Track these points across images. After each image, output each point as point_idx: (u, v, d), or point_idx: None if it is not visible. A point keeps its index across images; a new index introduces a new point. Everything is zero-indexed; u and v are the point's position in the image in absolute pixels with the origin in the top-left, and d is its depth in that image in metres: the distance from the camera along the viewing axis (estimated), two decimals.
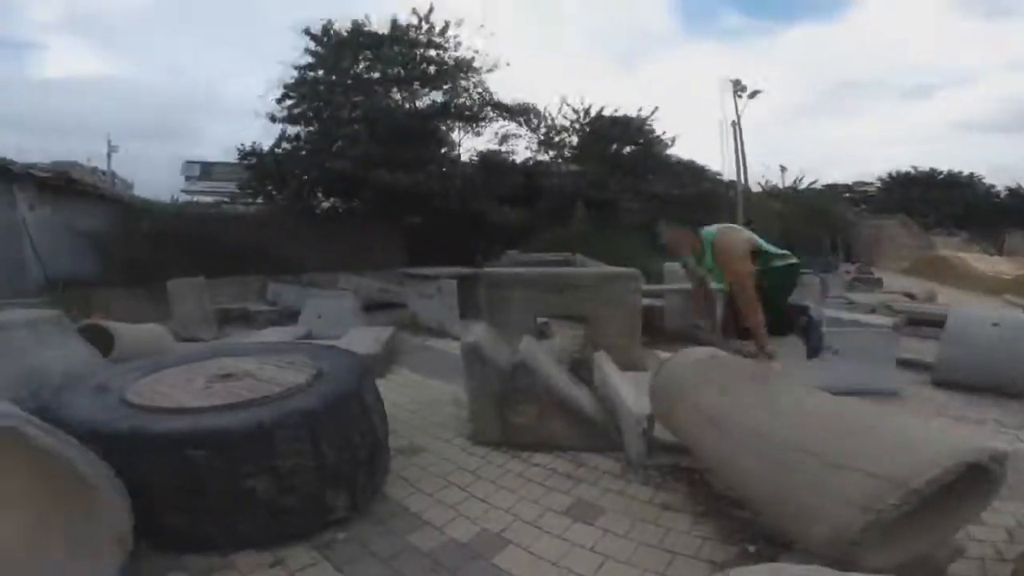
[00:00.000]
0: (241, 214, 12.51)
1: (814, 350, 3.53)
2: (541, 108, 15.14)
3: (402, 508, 2.42)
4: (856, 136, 73.33)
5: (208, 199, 21.02)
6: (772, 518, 1.88)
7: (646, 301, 5.28)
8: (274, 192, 12.37)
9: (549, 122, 15.36)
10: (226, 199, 21.06)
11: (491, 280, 4.51)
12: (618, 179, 14.16)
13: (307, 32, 12.41)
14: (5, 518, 1.66)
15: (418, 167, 11.48)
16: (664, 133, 16.17)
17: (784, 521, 1.76)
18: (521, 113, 14.75)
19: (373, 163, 11.02)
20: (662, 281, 6.96)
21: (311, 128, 12.51)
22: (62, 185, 9.42)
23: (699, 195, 15.29)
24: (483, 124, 14.57)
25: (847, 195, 30.27)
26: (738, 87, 17.89)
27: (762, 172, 26.27)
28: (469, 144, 14.86)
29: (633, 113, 15.63)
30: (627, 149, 15.73)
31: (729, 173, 19.86)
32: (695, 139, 54.46)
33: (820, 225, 19.69)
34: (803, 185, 24.91)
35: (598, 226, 12.56)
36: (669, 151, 16.37)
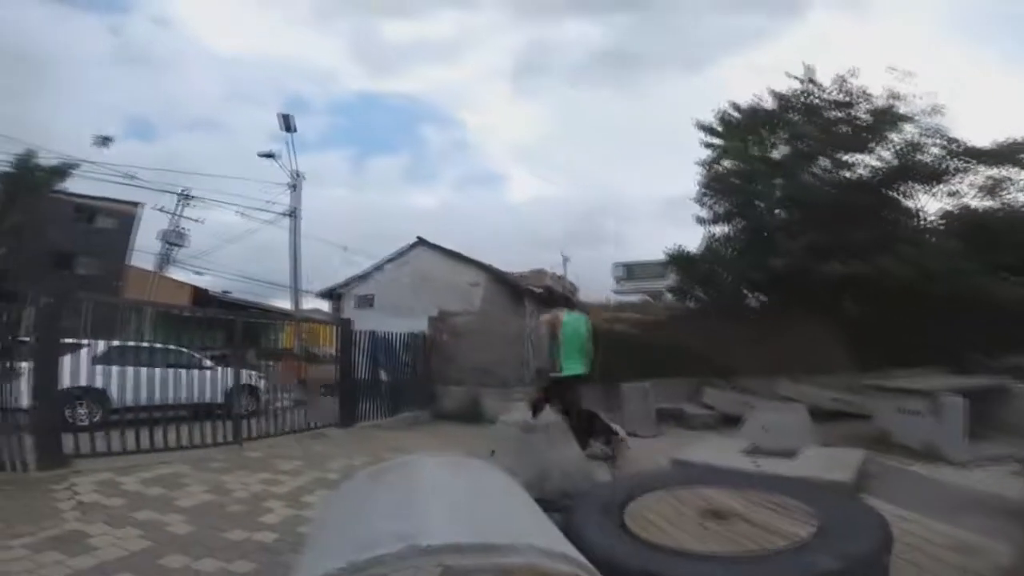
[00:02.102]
0: (675, 317, 13.31)
1: None
2: None
3: None
4: None
5: (634, 299, 24.00)
6: None
7: None
8: (702, 294, 12.62)
9: None
10: (648, 297, 23.52)
11: None
12: None
13: (700, 126, 12.70)
14: None
15: (876, 249, 9.54)
16: None
17: None
18: (1010, 154, 10.70)
19: (818, 254, 9.77)
20: None
21: (736, 224, 12.36)
22: (545, 296, 12.51)
23: None
24: (954, 178, 11.26)
25: None
26: None
27: None
28: (936, 206, 11.63)
29: None
30: None
31: None
32: None
33: None
34: None
35: None
36: None
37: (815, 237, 9.84)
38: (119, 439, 5.26)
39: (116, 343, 5.98)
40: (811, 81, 11.72)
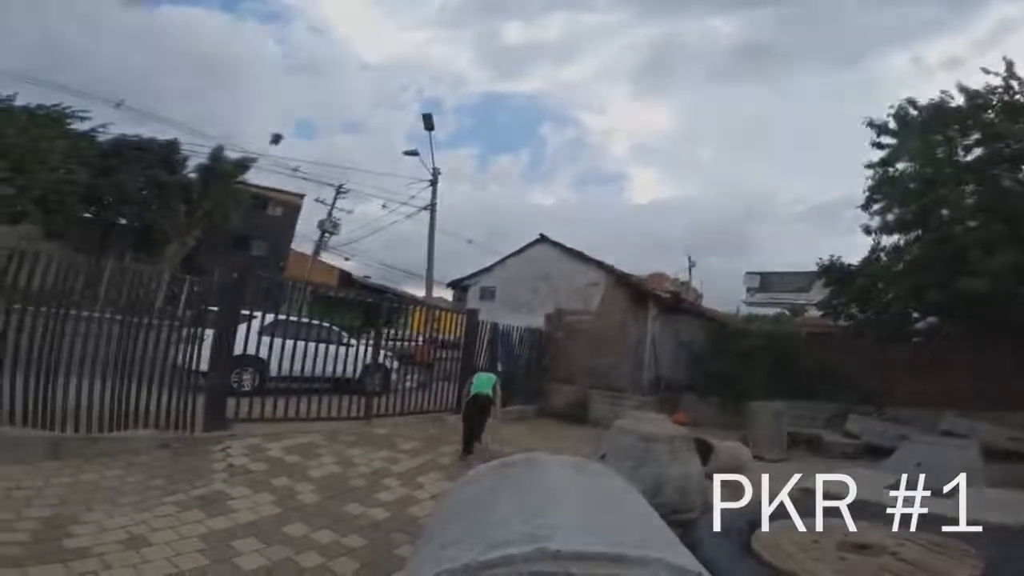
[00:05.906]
0: (819, 335, 11.98)
1: None
2: None
3: None
4: None
5: (768, 312, 21.83)
6: None
7: None
8: (858, 312, 11.18)
9: None
10: (785, 311, 21.23)
11: None
12: None
13: (871, 124, 11.06)
14: None
15: None
16: None
17: None
18: None
19: (1021, 275, 8.18)
20: None
21: (912, 235, 10.69)
22: (673, 303, 11.90)
23: None
24: None
25: None
26: None
27: None
28: None
29: None
30: None
31: None
32: None
33: None
34: None
35: None
36: None
37: (1019, 255, 8.17)
38: (271, 407, 5.83)
39: (279, 317, 6.66)
40: (1011, 76, 9.82)
